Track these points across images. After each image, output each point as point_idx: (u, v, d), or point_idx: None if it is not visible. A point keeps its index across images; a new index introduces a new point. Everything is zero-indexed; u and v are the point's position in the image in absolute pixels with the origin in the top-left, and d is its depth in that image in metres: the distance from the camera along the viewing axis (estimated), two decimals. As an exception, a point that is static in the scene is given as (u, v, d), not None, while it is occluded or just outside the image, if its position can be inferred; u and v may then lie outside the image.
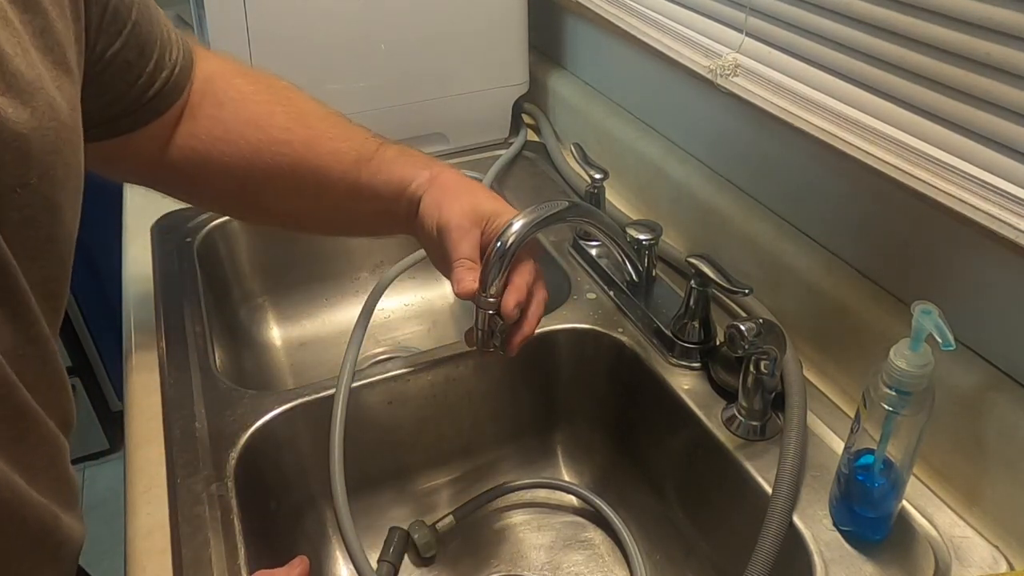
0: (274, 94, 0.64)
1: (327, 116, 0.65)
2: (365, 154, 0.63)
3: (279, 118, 0.62)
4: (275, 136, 0.61)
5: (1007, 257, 0.50)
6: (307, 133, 0.62)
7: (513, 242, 0.57)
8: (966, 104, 0.51)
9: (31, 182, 0.39)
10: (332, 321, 1.00)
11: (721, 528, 0.65)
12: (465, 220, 0.58)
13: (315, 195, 0.63)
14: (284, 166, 0.61)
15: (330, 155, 0.62)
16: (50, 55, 0.42)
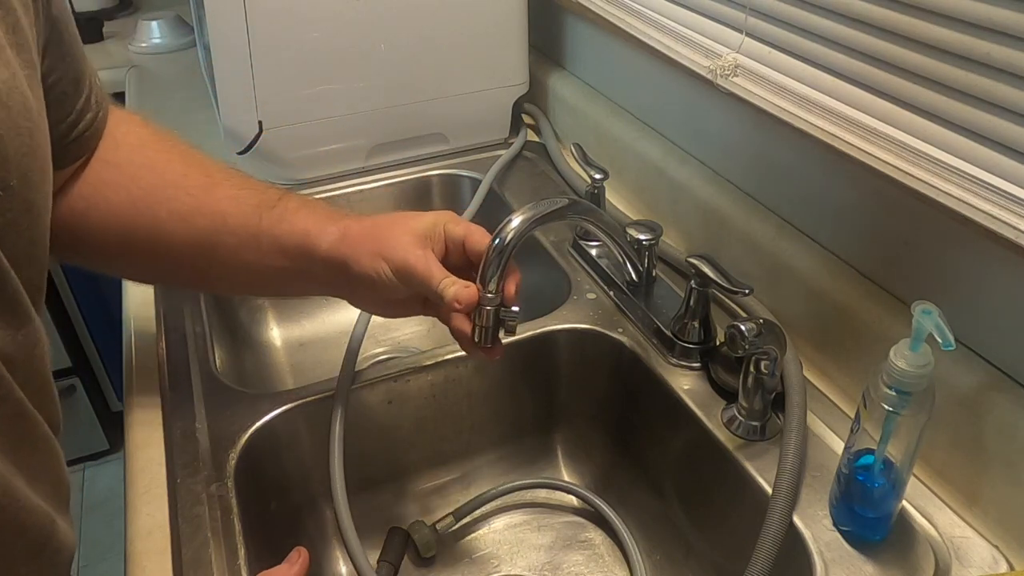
0: (174, 145, 0.61)
1: (228, 168, 0.62)
2: (267, 201, 0.59)
3: (176, 164, 0.59)
4: (171, 180, 0.58)
5: (1007, 257, 0.50)
6: (205, 180, 0.59)
7: (512, 238, 0.57)
8: (966, 104, 0.51)
9: (11, 184, 0.38)
10: (332, 321, 1.00)
11: (721, 528, 0.65)
12: (415, 248, 0.55)
13: (212, 245, 0.58)
14: (178, 213, 0.57)
15: (229, 200, 0.59)
16: (22, 54, 0.40)
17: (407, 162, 1.02)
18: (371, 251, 0.56)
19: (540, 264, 0.87)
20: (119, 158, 0.57)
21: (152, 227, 0.57)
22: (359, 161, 0.99)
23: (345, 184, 0.98)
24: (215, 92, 0.90)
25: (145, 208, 0.57)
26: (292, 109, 0.91)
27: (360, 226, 0.58)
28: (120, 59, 1.44)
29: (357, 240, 0.57)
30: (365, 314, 0.73)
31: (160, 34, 1.46)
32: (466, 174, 1.01)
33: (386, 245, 0.56)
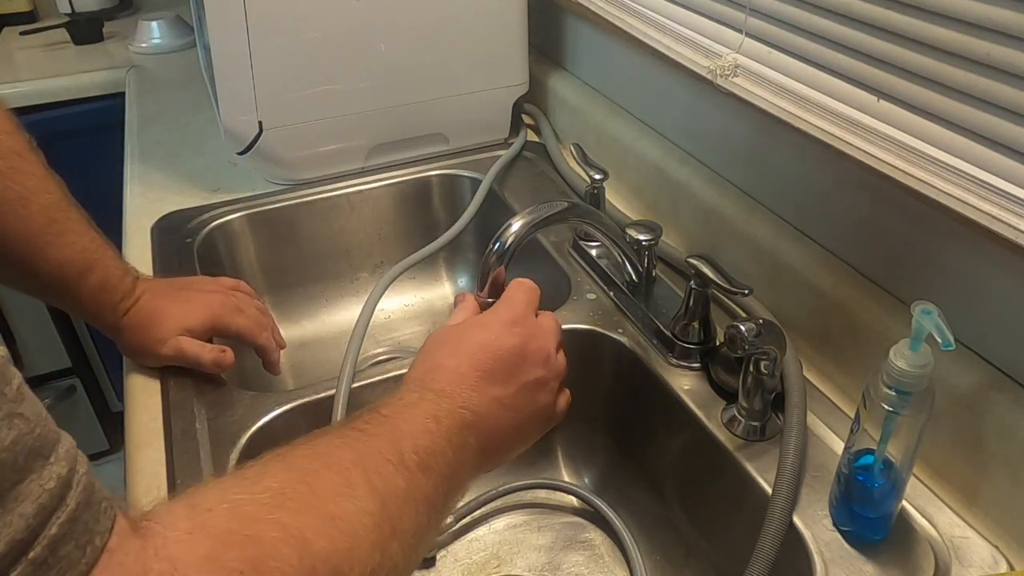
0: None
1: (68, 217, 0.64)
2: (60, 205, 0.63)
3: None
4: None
5: (1007, 257, 0.50)
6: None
7: (512, 242, 0.57)
8: (966, 104, 0.51)
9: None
10: (332, 321, 1.00)
11: (721, 528, 0.65)
12: (170, 339, 0.66)
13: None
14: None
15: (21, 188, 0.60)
16: None
17: (407, 162, 1.02)
18: (138, 344, 0.66)
19: (540, 264, 0.87)
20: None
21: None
22: (359, 161, 0.99)
23: (345, 184, 0.98)
24: (215, 92, 0.90)
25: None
26: (292, 109, 0.91)
27: (137, 318, 0.66)
28: (120, 59, 1.44)
29: (130, 329, 0.66)
30: (365, 314, 0.73)
31: (160, 34, 1.46)
32: (466, 174, 1.01)
33: (148, 339, 0.66)
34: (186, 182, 0.99)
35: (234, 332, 0.70)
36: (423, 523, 0.40)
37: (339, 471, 0.37)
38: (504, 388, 0.48)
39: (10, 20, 1.61)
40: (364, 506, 0.36)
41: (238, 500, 0.33)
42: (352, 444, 0.40)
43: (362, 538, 0.35)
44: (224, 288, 0.73)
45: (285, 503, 0.34)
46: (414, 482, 0.40)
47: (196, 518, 0.31)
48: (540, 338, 0.52)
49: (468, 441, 0.45)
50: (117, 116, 1.24)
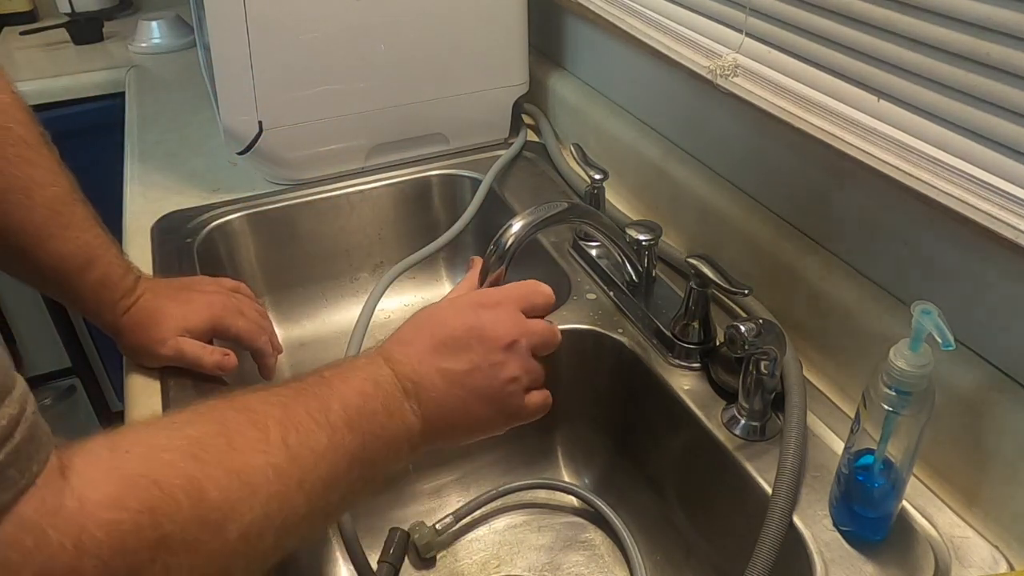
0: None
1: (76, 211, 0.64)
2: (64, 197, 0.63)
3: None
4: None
5: (1007, 257, 0.50)
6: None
7: (512, 243, 0.57)
8: (966, 104, 0.51)
9: None
10: (332, 321, 1.00)
11: (721, 528, 0.65)
12: (169, 340, 0.66)
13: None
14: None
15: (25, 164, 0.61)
16: None
17: (407, 162, 1.02)
18: (138, 343, 0.66)
19: (540, 264, 0.87)
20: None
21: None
22: (359, 161, 0.99)
23: (345, 184, 0.98)
24: (215, 92, 0.90)
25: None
26: (292, 109, 0.91)
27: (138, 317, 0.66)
28: (120, 59, 1.44)
29: (130, 328, 0.66)
30: (365, 314, 0.73)
31: (160, 34, 1.46)
32: (466, 174, 1.01)
33: (148, 339, 0.65)
34: (186, 182, 0.99)
35: (234, 334, 0.70)
36: (344, 475, 0.42)
37: (260, 428, 0.40)
38: (453, 363, 0.49)
39: (10, 20, 1.61)
40: (271, 460, 0.39)
41: (155, 444, 0.36)
42: (284, 401, 0.43)
43: (260, 488, 0.38)
44: (225, 289, 0.73)
45: (198, 453, 0.37)
46: (337, 439, 0.42)
47: (113, 460, 0.34)
48: (513, 329, 0.51)
49: (407, 407, 0.47)
50: (117, 116, 1.24)
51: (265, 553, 0.39)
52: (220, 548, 0.36)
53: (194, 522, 0.35)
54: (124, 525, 0.32)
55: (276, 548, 0.39)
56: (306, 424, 0.42)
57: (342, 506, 0.45)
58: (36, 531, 0.30)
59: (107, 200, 0.97)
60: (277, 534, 0.39)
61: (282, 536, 0.39)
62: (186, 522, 0.34)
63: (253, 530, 0.37)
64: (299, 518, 0.40)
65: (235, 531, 0.36)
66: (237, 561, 0.37)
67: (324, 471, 0.41)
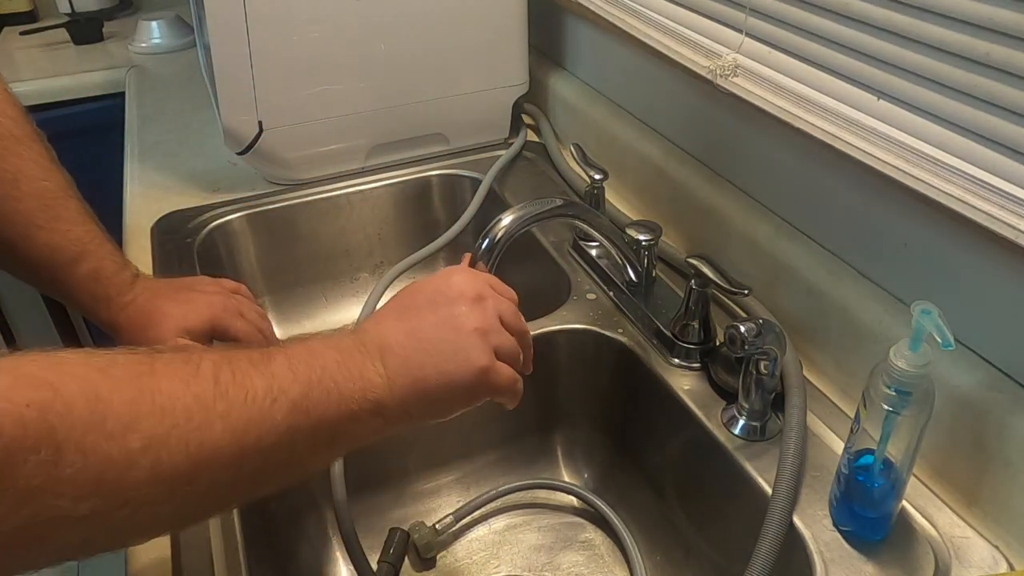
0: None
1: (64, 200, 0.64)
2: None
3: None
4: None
5: (1007, 257, 0.50)
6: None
7: (502, 237, 0.57)
8: (966, 104, 0.51)
9: None
10: (332, 321, 1.00)
11: (721, 528, 0.65)
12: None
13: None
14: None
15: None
16: None
17: (407, 162, 1.02)
18: (137, 342, 0.64)
19: (540, 264, 0.87)
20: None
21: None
22: (359, 161, 0.99)
23: (345, 184, 0.98)
24: (215, 92, 0.90)
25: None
26: (292, 109, 0.91)
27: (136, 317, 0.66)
28: (120, 59, 1.44)
29: (128, 327, 0.65)
30: (365, 314, 0.73)
31: (160, 34, 1.46)
32: (466, 174, 1.01)
33: (146, 339, 0.65)
34: (186, 182, 0.99)
35: (232, 336, 0.70)
36: (280, 420, 0.41)
37: (192, 363, 0.40)
38: (418, 321, 0.48)
39: (10, 20, 1.61)
40: (193, 390, 0.39)
41: (69, 359, 0.36)
42: (228, 350, 0.43)
43: (173, 410, 0.38)
44: (226, 290, 0.73)
45: (109, 369, 0.37)
46: (276, 383, 0.42)
47: (15, 362, 0.35)
48: (480, 287, 0.51)
49: (368, 365, 0.46)
50: (117, 116, 1.24)
51: (177, 475, 0.38)
52: (119, 455, 0.35)
53: (88, 425, 0.35)
54: (6, 415, 0.32)
55: (194, 476, 0.38)
56: (244, 368, 0.41)
57: (286, 457, 0.43)
58: None
59: (107, 200, 0.97)
60: (193, 460, 0.38)
61: (200, 465, 0.38)
62: (78, 423, 0.34)
63: (160, 447, 0.37)
64: (220, 450, 0.39)
65: (136, 442, 0.36)
66: (138, 472, 0.36)
67: (255, 411, 0.41)
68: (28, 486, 0.33)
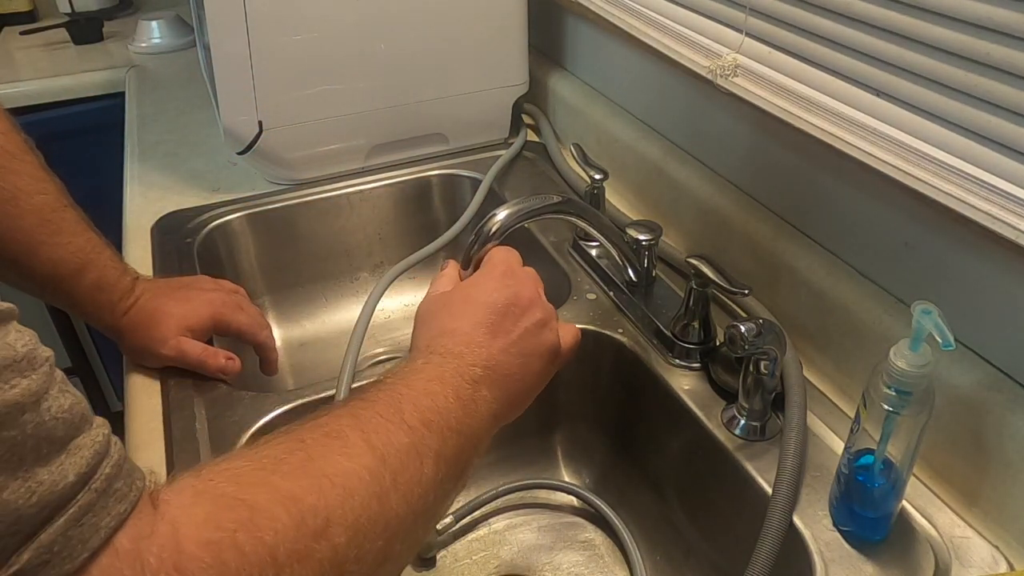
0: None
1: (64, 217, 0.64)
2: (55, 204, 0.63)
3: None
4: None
5: (1007, 257, 0.50)
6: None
7: (496, 230, 0.57)
8: (966, 104, 0.51)
9: None
10: (332, 321, 1.00)
11: (721, 528, 0.65)
12: (170, 340, 0.66)
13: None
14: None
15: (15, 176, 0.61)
16: None
17: (407, 162, 1.02)
18: (139, 344, 0.66)
19: (540, 264, 0.86)
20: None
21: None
22: (359, 161, 0.99)
23: (345, 184, 0.98)
24: (215, 92, 0.90)
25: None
26: (292, 109, 0.91)
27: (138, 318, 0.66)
28: (120, 59, 1.44)
29: (131, 329, 0.66)
30: (365, 314, 0.73)
31: (160, 34, 1.46)
32: (466, 174, 1.01)
33: (149, 339, 0.66)
34: (186, 182, 0.99)
35: (235, 330, 0.70)
36: (431, 475, 0.41)
37: (337, 436, 0.39)
38: (508, 337, 0.50)
39: (10, 20, 1.61)
40: (361, 462, 0.38)
41: (239, 467, 0.36)
42: (352, 411, 0.42)
43: (356, 490, 0.37)
44: (225, 288, 0.73)
45: (279, 467, 0.36)
46: (417, 437, 0.41)
47: (199, 486, 0.34)
48: (529, 284, 0.53)
49: (481, 395, 0.47)
50: (117, 116, 1.24)
51: (376, 558, 0.37)
52: (331, 555, 0.35)
53: (296, 530, 0.34)
54: (222, 543, 0.31)
55: (387, 553, 0.38)
56: (383, 427, 0.41)
57: (438, 509, 0.44)
58: (132, 559, 0.30)
59: (107, 200, 0.97)
60: (385, 536, 0.37)
61: (391, 540, 0.38)
62: (287, 531, 0.33)
63: (359, 533, 0.36)
64: (401, 519, 0.39)
65: (341, 535, 0.35)
66: (349, 566, 0.36)
67: (413, 470, 0.40)
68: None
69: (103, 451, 0.31)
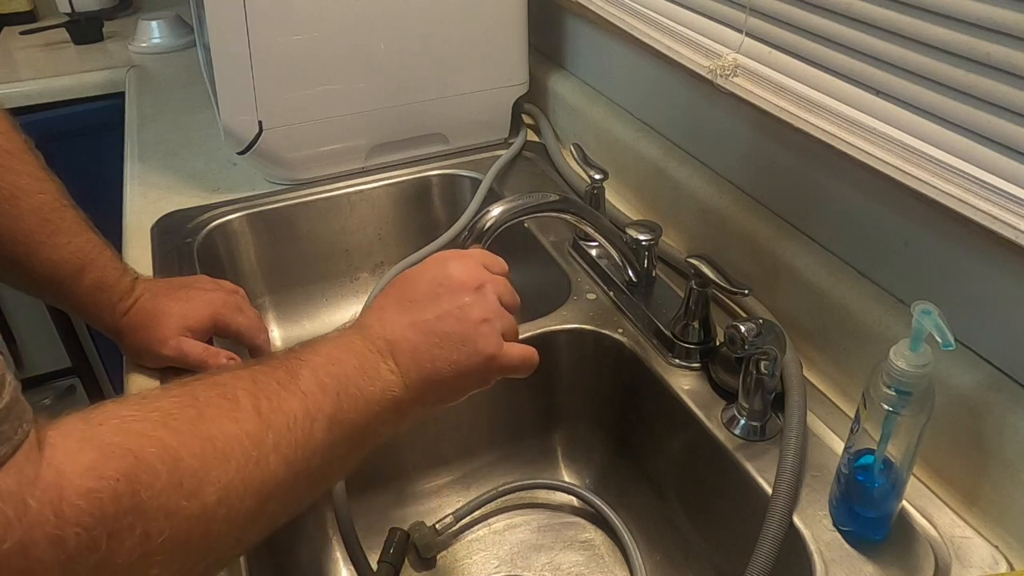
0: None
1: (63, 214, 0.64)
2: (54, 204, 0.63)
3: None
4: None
5: (1007, 257, 0.50)
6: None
7: (491, 226, 0.57)
8: (966, 104, 0.51)
9: None
10: (332, 321, 1.00)
11: (721, 528, 0.65)
12: (170, 340, 0.66)
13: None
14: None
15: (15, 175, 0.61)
16: None
17: (407, 162, 1.02)
18: (139, 344, 0.66)
19: (540, 264, 0.87)
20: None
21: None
22: (359, 161, 0.99)
23: (345, 184, 0.98)
24: (215, 92, 0.90)
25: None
26: (292, 109, 0.91)
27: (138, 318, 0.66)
28: (120, 59, 1.44)
29: (131, 329, 0.66)
30: (365, 314, 0.73)
31: (160, 34, 1.46)
32: (466, 174, 1.01)
33: (149, 339, 0.66)
34: (186, 182, 0.99)
35: (234, 331, 0.70)
36: (321, 438, 0.43)
37: (230, 398, 0.41)
38: (422, 314, 0.49)
39: (10, 20, 1.61)
40: (245, 428, 0.39)
41: (128, 416, 0.37)
42: (253, 374, 0.43)
43: (234, 454, 0.38)
44: (225, 289, 0.73)
45: (169, 422, 0.37)
46: (310, 402, 0.43)
47: (87, 431, 0.35)
48: (478, 274, 0.51)
49: (383, 366, 0.47)
50: (117, 116, 1.24)
51: (247, 516, 0.39)
52: (199, 512, 0.36)
53: (171, 488, 0.35)
54: (103, 493, 0.32)
55: (259, 512, 0.39)
56: (276, 392, 0.42)
57: (328, 471, 0.45)
58: (15, 501, 0.30)
59: (107, 200, 0.97)
60: (257, 498, 0.39)
61: (264, 500, 0.39)
62: (163, 488, 0.35)
63: (231, 494, 0.37)
64: (279, 481, 0.40)
65: (212, 495, 0.37)
66: (217, 525, 0.37)
67: (300, 435, 0.41)
68: (127, 562, 0.33)
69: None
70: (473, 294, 0.50)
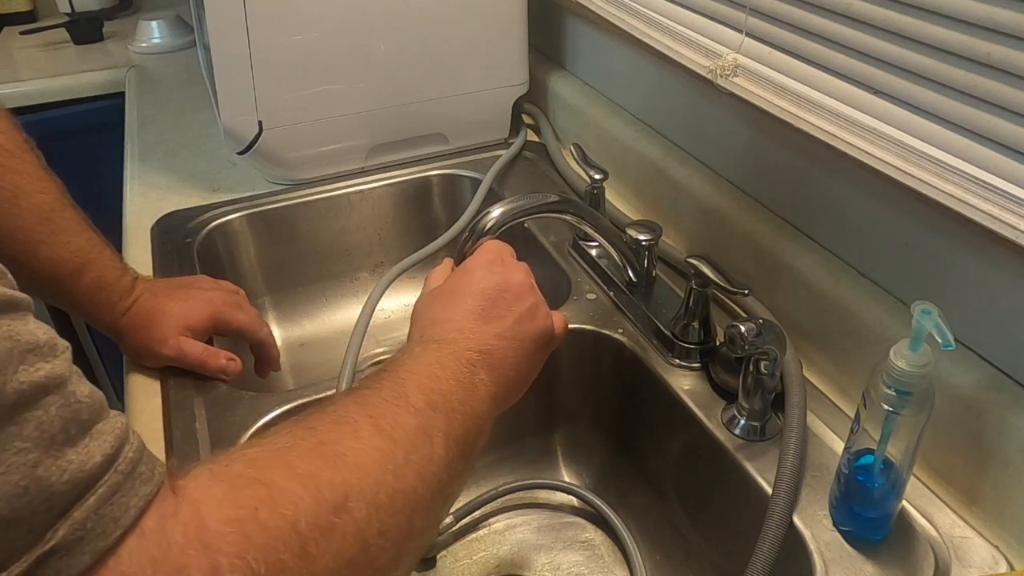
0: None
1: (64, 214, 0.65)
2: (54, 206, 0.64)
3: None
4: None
5: (1007, 257, 0.50)
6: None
7: (491, 227, 0.57)
8: (966, 104, 0.51)
9: None
10: (332, 321, 1.00)
11: (721, 528, 0.65)
12: (170, 339, 0.67)
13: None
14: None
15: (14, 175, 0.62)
16: None
17: (407, 162, 1.02)
18: (139, 344, 0.67)
19: (540, 264, 0.87)
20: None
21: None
22: (359, 161, 0.99)
23: (345, 184, 0.98)
24: (215, 92, 0.90)
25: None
26: (292, 109, 0.91)
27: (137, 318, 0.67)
28: (120, 59, 1.44)
29: (131, 329, 0.66)
30: (365, 314, 0.73)
31: (160, 34, 1.46)
32: (466, 174, 1.01)
33: (149, 339, 0.66)
34: (186, 182, 0.99)
35: (235, 328, 0.70)
36: (442, 454, 0.42)
37: (346, 422, 0.40)
38: (501, 323, 0.50)
39: (10, 20, 1.61)
40: (370, 443, 0.39)
41: (252, 453, 0.37)
42: (357, 398, 0.43)
43: (370, 467, 0.38)
44: (225, 288, 0.73)
45: (293, 450, 0.37)
46: (424, 419, 0.42)
47: (215, 470, 0.35)
48: (519, 272, 0.54)
49: (479, 378, 0.47)
50: (117, 116, 1.24)
51: (400, 532, 0.38)
52: (353, 529, 0.35)
53: (316, 504, 0.34)
54: (245, 519, 0.32)
55: (410, 528, 0.39)
56: (390, 410, 0.41)
57: (452, 489, 0.44)
58: (159, 537, 0.30)
59: (107, 200, 0.97)
60: (405, 512, 0.38)
61: (411, 515, 0.38)
62: (307, 505, 0.34)
63: (379, 507, 0.37)
64: (419, 495, 0.39)
65: (361, 509, 0.36)
66: (374, 541, 0.36)
67: (424, 450, 0.41)
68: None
69: (124, 436, 0.31)
70: (529, 292, 0.53)
